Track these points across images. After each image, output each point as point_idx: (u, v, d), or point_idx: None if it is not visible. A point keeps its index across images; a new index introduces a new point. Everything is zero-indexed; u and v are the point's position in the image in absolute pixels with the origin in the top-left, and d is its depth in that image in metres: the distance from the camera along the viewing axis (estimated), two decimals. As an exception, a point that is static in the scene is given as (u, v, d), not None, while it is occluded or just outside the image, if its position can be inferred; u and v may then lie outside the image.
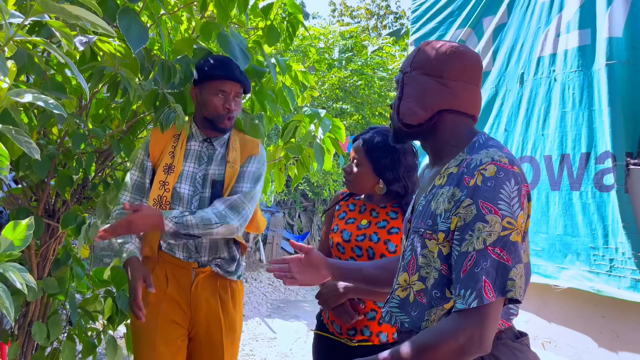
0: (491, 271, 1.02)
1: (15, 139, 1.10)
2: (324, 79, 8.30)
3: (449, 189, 1.12)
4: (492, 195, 1.03)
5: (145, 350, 1.85)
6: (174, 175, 1.85)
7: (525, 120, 3.21)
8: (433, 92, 1.18)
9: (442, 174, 1.18)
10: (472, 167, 1.09)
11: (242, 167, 1.90)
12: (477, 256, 1.02)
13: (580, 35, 2.95)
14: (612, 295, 2.68)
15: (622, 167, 2.67)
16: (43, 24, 1.48)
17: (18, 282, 1.03)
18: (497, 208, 1.02)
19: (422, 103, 1.19)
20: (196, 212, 1.75)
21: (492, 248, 1.02)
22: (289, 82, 2.49)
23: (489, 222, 1.02)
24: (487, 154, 1.09)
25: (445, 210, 1.11)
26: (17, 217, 1.89)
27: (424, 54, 1.21)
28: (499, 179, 1.04)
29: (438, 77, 1.18)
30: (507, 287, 1.02)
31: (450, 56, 1.18)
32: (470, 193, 1.05)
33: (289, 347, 4.38)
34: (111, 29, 1.15)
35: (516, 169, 1.07)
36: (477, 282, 1.01)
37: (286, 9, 2.39)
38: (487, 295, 1.01)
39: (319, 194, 8.98)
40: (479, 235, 1.03)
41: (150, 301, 1.85)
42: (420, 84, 1.20)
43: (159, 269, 1.89)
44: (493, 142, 1.16)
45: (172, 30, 2.36)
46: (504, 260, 1.02)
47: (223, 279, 1.92)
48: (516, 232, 1.03)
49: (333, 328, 1.78)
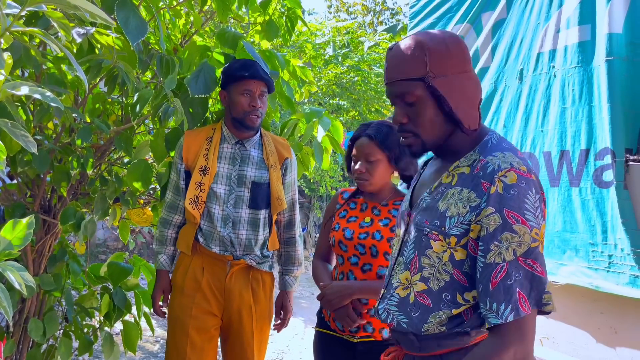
0: (525, 283, 0.98)
1: (12, 133, 1.08)
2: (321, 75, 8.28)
3: (461, 190, 1.08)
4: (518, 205, 0.99)
5: (178, 337, 1.99)
6: (210, 176, 1.98)
7: (525, 116, 3.20)
8: (472, 88, 1.12)
9: (450, 172, 1.13)
10: (489, 171, 1.04)
11: (284, 175, 2.10)
12: (509, 268, 0.98)
13: (580, 31, 2.94)
14: (610, 291, 2.68)
15: (621, 163, 2.67)
16: (40, 14, 1.46)
17: (16, 282, 1.00)
18: (525, 218, 0.99)
19: (472, 103, 1.11)
20: (296, 259, 2.17)
21: (523, 259, 0.98)
22: (287, 77, 2.47)
23: (518, 233, 0.98)
24: (505, 159, 1.04)
25: (459, 214, 1.06)
26: (12, 213, 1.87)
27: (438, 55, 1.08)
28: (522, 187, 1.00)
29: (465, 72, 1.11)
30: (544, 300, 0.99)
31: (460, 49, 1.11)
32: (494, 201, 1.01)
33: (286, 343, 4.37)
34: (110, 20, 1.13)
35: (534, 177, 1.03)
36: (512, 295, 0.97)
37: (285, 3, 2.37)
38: (523, 308, 0.97)
39: (315, 191, 8.96)
40: (509, 246, 0.99)
41: (186, 291, 2.00)
42: (458, 85, 1.10)
43: (195, 260, 2.03)
44: (506, 143, 1.11)
45: (170, 24, 2.33)
46: (537, 272, 0.99)
47: (255, 270, 2.06)
48: (542, 243, 1.00)
49: (335, 325, 1.76)
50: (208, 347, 2.00)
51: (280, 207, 2.03)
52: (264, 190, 2.01)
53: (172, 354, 1.99)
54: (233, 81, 1.95)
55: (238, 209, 2.00)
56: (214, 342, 2.04)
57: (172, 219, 2.08)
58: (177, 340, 1.99)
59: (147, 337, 4.07)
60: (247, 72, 1.93)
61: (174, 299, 2.04)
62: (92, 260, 6.45)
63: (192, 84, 1.96)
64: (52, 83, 1.67)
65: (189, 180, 2.01)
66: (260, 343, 2.06)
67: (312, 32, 8.60)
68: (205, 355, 1.99)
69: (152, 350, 3.90)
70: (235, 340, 2.03)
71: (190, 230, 2.03)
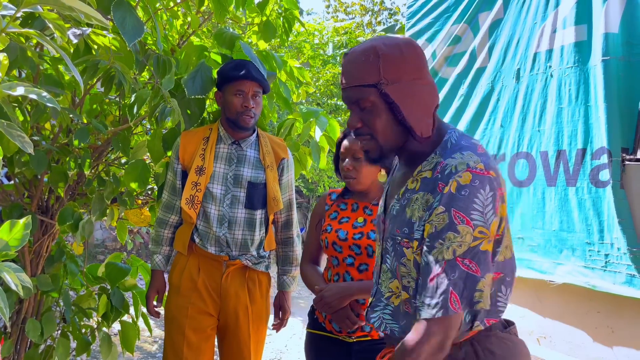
0: (459, 283, 1.01)
1: (8, 133, 1.08)
2: (319, 75, 8.28)
3: (423, 194, 1.08)
4: (466, 205, 1.01)
5: (175, 337, 2.00)
6: (206, 177, 1.99)
7: (522, 116, 3.21)
8: (426, 95, 1.11)
9: (415, 177, 1.13)
10: (446, 173, 1.04)
11: (280, 177, 2.11)
12: (446, 266, 1.01)
13: (577, 31, 2.95)
14: (607, 290, 2.68)
15: (617, 163, 2.68)
16: (36, 15, 1.46)
17: (13, 283, 1.00)
18: (470, 218, 1.00)
19: (427, 110, 1.11)
20: (294, 260, 2.18)
21: (461, 259, 1.01)
22: (284, 78, 2.48)
23: (460, 233, 1.00)
24: (462, 159, 1.04)
25: (420, 218, 1.08)
26: (10, 214, 1.87)
27: (391, 61, 1.08)
28: (474, 187, 1.01)
29: (419, 79, 1.10)
30: (475, 299, 1.02)
31: (415, 54, 1.10)
32: (444, 201, 1.02)
33: (284, 343, 4.37)
34: (105, 21, 1.13)
35: (492, 173, 1.04)
36: (443, 293, 1.00)
37: (282, 4, 2.38)
38: (452, 307, 1.00)
39: (313, 191, 8.97)
40: (450, 245, 1.01)
41: (182, 291, 2.01)
42: (412, 92, 1.09)
43: (191, 260, 2.04)
44: (465, 140, 1.10)
45: (167, 25, 2.33)
46: (472, 271, 1.01)
47: (252, 271, 2.06)
48: (487, 240, 1.02)
49: (331, 326, 1.75)
50: (205, 347, 2.01)
51: (276, 208, 2.03)
52: (260, 190, 2.02)
53: (170, 354, 2.00)
54: (227, 82, 1.97)
55: (234, 209, 2.00)
56: (211, 342, 2.05)
57: (168, 219, 2.08)
58: (174, 340, 1.99)
59: (145, 337, 4.07)
60: (239, 73, 1.94)
61: (171, 299, 2.05)
62: (91, 260, 6.45)
63: (189, 84, 1.96)
64: (49, 84, 1.67)
65: (186, 180, 2.01)
66: (256, 343, 2.07)
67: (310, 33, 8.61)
68: (203, 355, 2.00)
69: (150, 351, 3.90)
70: (232, 340, 2.04)
71: (186, 230, 2.04)
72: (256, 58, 2.06)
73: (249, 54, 2.04)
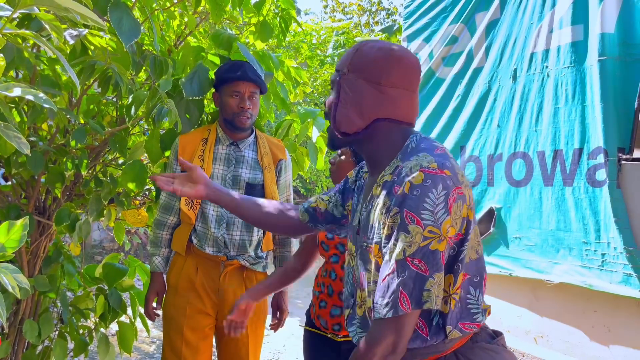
0: (409, 282, 1.00)
1: (4, 134, 1.08)
2: (316, 75, 8.28)
3: (382, 198, 1.09)
4: (417, 205, 1.00)
5: (173, 336, 2.01)
6: None
7: (518, 116, 3.22)
8: (370, 99, 1.12)
9: (378, 182, 1.14)
10: (402, 176, 1.05)
11: (278, 178, 2.11)
12: (397, 266, 1.01)
13: (573, 31, 2.96)
14: (604, 289, 2.69)
15: (614, 162, 2.69)
16: (33, 17, 1.46)
17: (10, 284, 1.00)
18: (420, 218, 1.00)
19: (360, 111, 1.14)
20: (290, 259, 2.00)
21: (411, 259, 1.00)
22: (281, 78, 2.48)
23: (411, 233, 1.00)
24: (417, 161, 1.05)
25: (379, 222, 1.08)
26: (7, 215, 1.87)
27: (362, 57, 1.14)
28: (425, 187, 1.01)
29: (376, 84, 1.12)
30: (423, 299, 1.00)
31: (389, 62, 1.12)
32: (398, 202, 1.03)
33: (282, 343, 4.37)
34: (102, 22, 1.13)
35: (446, 172, 1.03)
36: (393, 293, 1.00)
37: (279, 4, 2.38)
38: (402, 307, 1.00)
39: (311, 191, 8.97)
40: (401, 245, 1.01)
41: (180, 291, 2.02)
42: (358, 90, 1.13)
43: (189, 261, 2.05)
44: (425, 143, 1.11)
45: (164, 26, 2.33)
46: (421, 271, 1.00)
47: (249, 271, 2.08)
48: (437, 240, 1.00)
49: (319, 323, 1.79)
50: (203, 346, 2.02)
51: None
52: (258, 191, 2.03)
53: (168, 353, 2.02)
54: (223, 82, 1.98)
55: None
56: (209, 341, 2.06)
57: (166, 220, 2.09)
58: (173, 340, 2.01)
59: (143, 338, 4.07)
60: (235, 74, 1.96)
61: (169, 299, 2.06)
62: (89, 261, 6.44)
63: (186, 85, 1.96)
64: (46, 84, 1.67)
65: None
66: (255, 343, 2.08)
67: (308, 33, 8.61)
68: (201, 354, 2.02)
69: (148, 351, 3.89)
70: (230, 340, 2.05)
71: (184, 231, 2.04)
72: (253, 59, 2.06)
73: (246, 55, 2.04)
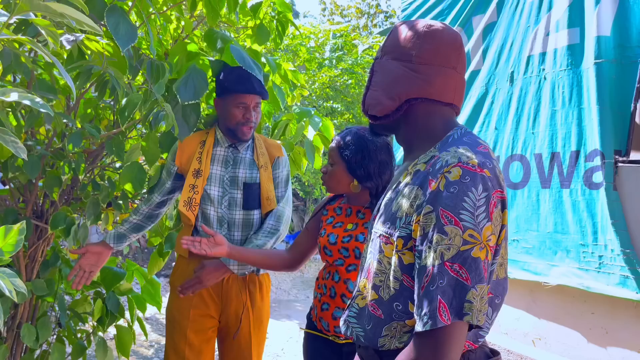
0: (448, 290, 0.88)
1: (1, 138, 1.08)
2: (315, 78, 8.29)
3: (412, 188, 0.99)
4: (455, 203, 0.90)
5: (176, 339, 2.03)
6: (203, 179, 2.02)
7: (516, 118, 3.23)
8: (401, 78, 1.05)
9: (409, 170, 1.06)
10: (437, 167, 0.96)
11: (273, 173, 2.11)
12: (434, 272, 0.89)
13: (569, 34, 2.97)
14: (601, 291, 2.69)
15: (610, 165, 2.69)
16: (29, 22, 1.46)
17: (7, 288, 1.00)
18: (459, 218, 0.89)
19: (389, 92, 1.07)
20: (252, 244, 1.98)
21: (450, 264, 0.89)
22: (278, 81, 2.48)
23: (448, 234, 0.89)
24: (456, 153, 0.95)
25: (407, 214, 0.98)
26: (4, 219, 1.87)
27: (394, 37, 1.08)
28: (464, 184, 0.90)
29: (407, 62, 1.05)
30: (464, 310, 0.88)
31: (420, 38, 1.04)
32: (431, 199, 0.93)
33: (281, 346, 4.37)
34: (97, 27, 1.14)
35: (486, 172, 0.93)
36: (431, 302, 0.89)
37: (275, 7, 2.38)
38: (441, 318, 0.87)
39: (310, 193, 8.97)
40: (437, 248, 0.90)
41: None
42: (388, 71, 1.07)
43: (192, 263, 2.06)
44: (469, 137, 1.02)
45: (161, 29, 2.34)
46: (462, 278, 0.88)
47: (252, 273, 2.07)
48: (479, 246, 0.89)
49: (321, 325, 1.78)
50: (206, 348, 2.04)
51: (269, 207, 2.06)
52: (255, 190, 2.05)
53: (171, 356, 2.03)
54: (228, 92, 1.99)
55: (232, 210, 2.04)
56: (212, 343, 2.08)
57: (151, 197, 2.12)
58: (176, 342, 2.02)
59: (141, 341, 4.07)
60: (243, 87, 1.97)
61: (172, 301, 2.08)
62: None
63: (181, 90, 1.95)
64: (43, 89, 1.68)
65: (178, 182, 2.07)
66: (257, 345, 2.10)
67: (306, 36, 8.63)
68: (204, 356, 2.04)
69: (146, 355, 3.89)
70: (233, 342, 2.06)
71: (186, 233, 2.05)
72: (249, 60, 2.05)
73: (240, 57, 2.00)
